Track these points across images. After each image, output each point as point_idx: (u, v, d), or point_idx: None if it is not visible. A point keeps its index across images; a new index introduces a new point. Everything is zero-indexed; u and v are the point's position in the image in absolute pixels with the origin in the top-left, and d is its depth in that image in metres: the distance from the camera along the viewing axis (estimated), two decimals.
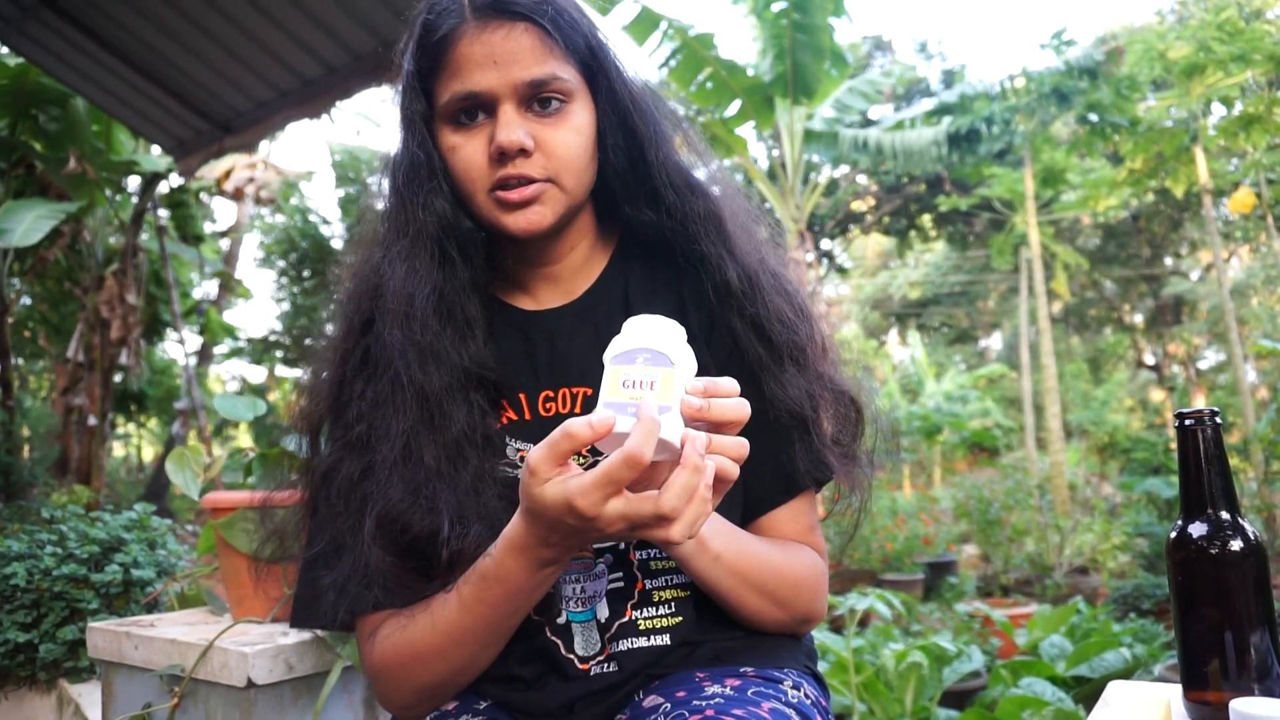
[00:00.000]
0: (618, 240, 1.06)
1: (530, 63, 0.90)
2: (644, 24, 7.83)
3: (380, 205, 1.01)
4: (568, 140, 0.92)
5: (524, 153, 0.90)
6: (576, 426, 0.70)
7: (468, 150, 0.92)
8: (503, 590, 0.83)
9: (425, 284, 0.94)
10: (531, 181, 0.91)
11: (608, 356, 0.76)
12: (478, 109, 0.92)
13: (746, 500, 0.99)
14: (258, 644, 1.32)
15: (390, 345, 0.93)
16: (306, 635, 1.35)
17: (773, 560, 0.94)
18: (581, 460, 0.96)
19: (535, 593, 0.84)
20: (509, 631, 0.88)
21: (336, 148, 11.14)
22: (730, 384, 0.75)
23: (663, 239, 1.00)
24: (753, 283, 0.98)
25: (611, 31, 0.99)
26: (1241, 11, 7.58)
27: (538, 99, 0.91)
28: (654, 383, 0.73)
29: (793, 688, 0.93)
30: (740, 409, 0.75)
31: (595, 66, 0.96)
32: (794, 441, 0.96)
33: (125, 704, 1.50)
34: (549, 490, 0.72)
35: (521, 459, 0.95)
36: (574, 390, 0.98)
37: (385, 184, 1.00)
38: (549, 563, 0.80)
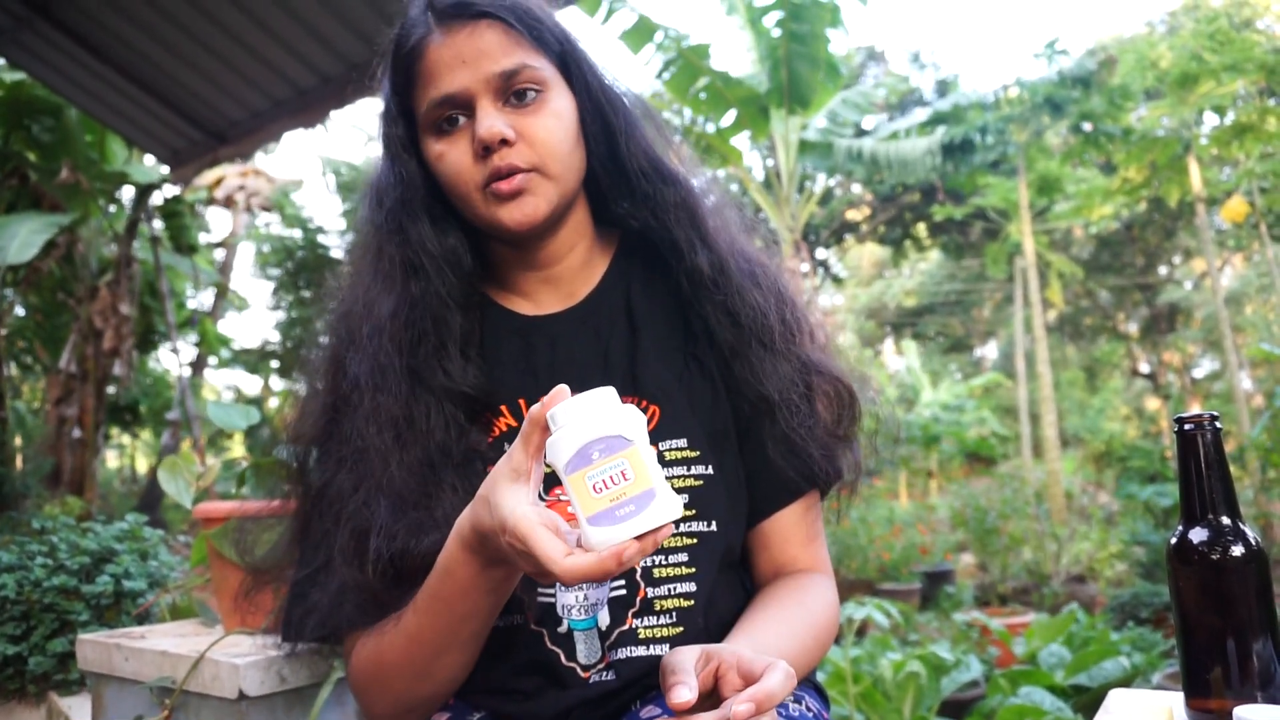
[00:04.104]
0: (618, 243, 1.06)
1: (499, 55, 0.91)
2: (641, 33, 7.86)
3: (369, 224, 1.02)
4: (548, 126, 0.92)
5: (506, 143, 0.90)
6: (534, 411, 0.70)
7: (454, 154, 0.93)
8: (454, 585, 0.79)
9: (396, 301, 0.94)
10: (517, 171, 0.91)
11: (558, 466, 0.68)
12: (456, 112, 0.92)
13: (750, 500, 0.98)
14: (249, 655, 1.30)
15: (358, 364, 0.93)
16: (299, 646, 1.33)
17: (815, 628, 0.93)
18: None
19: (488, 596, 0.80)
20: (470, 639, 0.84)
21: (336, 160, 11.16)
22: (776, 687, 0.69)
23: (648, 233, 1.00)
24: (723, 268, 0.97)
25: (578, 28, 1.00)
26: (1232, 21, 7.63)
27: (513, 91, 0.92)
28: (624, 472, 0.66)
29: (794, 700, 0.92)
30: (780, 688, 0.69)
31: (568, 57, 0.96)
32: (791, 440, 0.95)
33: (115, 717, 1.48)
34: (504, 496, 0.71)
35: None
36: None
37: (369, 203, 1.01)
38: (496, 560, 0.76)
